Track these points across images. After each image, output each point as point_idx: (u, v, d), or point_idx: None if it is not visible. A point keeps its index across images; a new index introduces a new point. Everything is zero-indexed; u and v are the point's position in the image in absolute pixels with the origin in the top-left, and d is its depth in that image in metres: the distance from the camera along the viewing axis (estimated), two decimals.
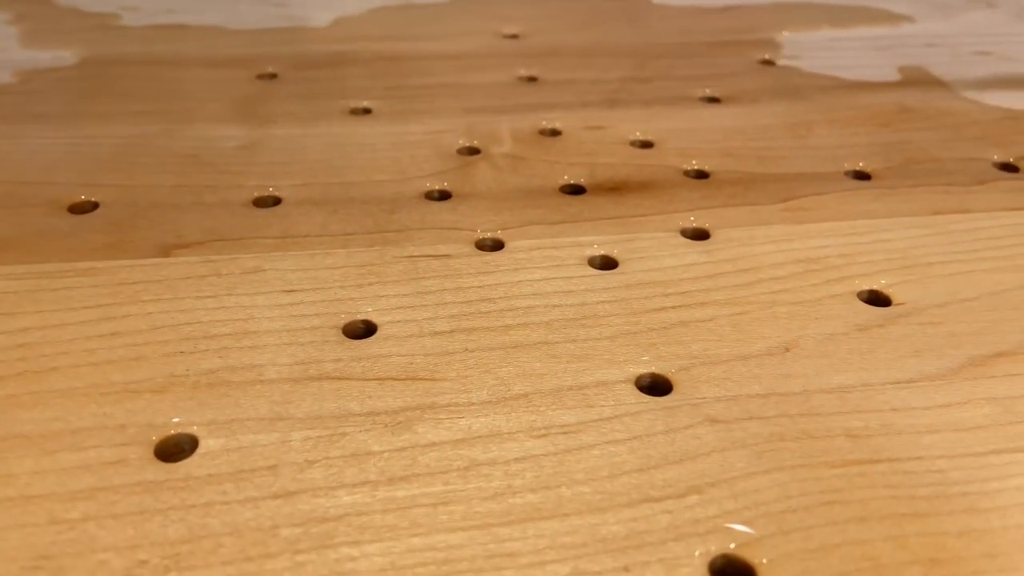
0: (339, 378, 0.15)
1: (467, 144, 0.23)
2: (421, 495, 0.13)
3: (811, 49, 0.29)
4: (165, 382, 0.15)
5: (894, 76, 0.27)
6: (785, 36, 0.30)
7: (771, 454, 0.14)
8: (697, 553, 0.12)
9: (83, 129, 0.23)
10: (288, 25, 0.30)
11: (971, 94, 0.26)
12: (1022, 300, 0.17)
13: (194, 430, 0.14)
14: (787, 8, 0.32)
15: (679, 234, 0.19)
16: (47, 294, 0.16)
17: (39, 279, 0.17)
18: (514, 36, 0.30)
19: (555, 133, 0.24)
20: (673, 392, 0.15)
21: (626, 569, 0.12)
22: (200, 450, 0.13)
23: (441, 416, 0.14)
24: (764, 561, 0.12)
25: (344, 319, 0.16)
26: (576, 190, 0.21)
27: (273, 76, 0.26)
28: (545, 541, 0.12)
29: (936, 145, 0.23)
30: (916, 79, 0.27)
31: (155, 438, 0.14)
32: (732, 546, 0.12)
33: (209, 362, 0.15)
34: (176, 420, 0.14)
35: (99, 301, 0.16)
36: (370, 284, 0.17)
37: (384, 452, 0.14)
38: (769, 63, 0.28)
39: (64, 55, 0.27)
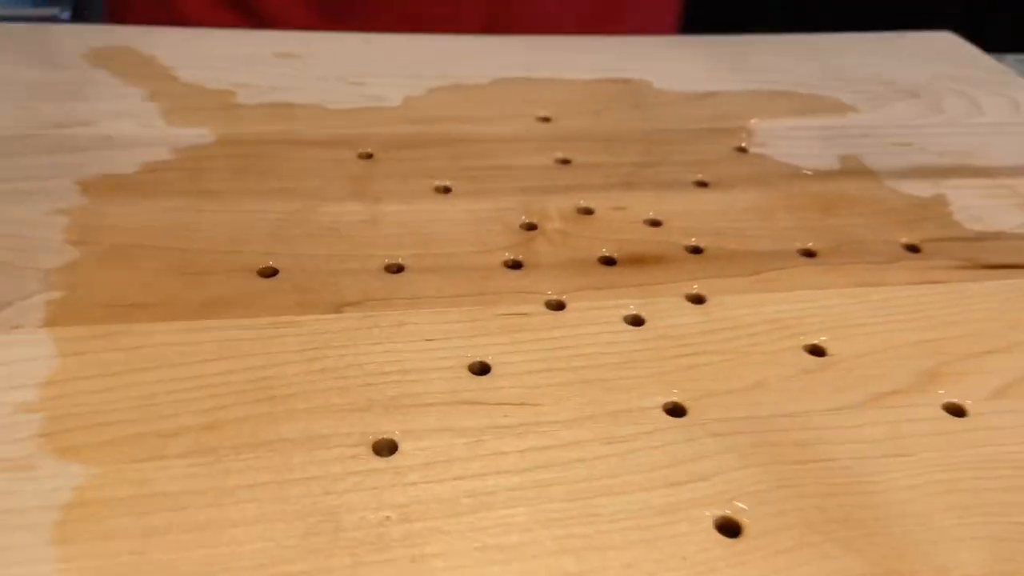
0: (476, 403, 0.23)
1: (527, 220, 0.31)
2: (549, 479, 0.21)
3: (775, 138, 0.38)
4: (367, 404, 0.23)
5: (836, 165, 0.36)
6: (754, 124, 0.39)
7: (751, 455, 0.22)
8: (708, 515, 0.21)
9: (245, 204, 0.30)
10: (370, 105, 0.37)
11: (891, 183, 0.35)
12: (914, 353, 0.26)
13: (395, 436, 0.22)
14: (756, 96, 0.41)
15: (684, 299, 0.28)
16: (271, 341, 0.24)
17: (262, 329, 0.25)
18: (547, 119, 0.38)
19: (589, 212, 0.32)
20: (687, 415, 0.24)
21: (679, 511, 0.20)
22: (401, 449, 0.22)
23: (545, 429, 0.23)
24: (746, 520, 0.21)
25: (468, 360, 0.25)
26: (609, 262, 0.29)
27: (370, 156, 0.34)
28: (621, 508, 0.21)
29: (863, 229, 0.32)
30: (852, 168, 0.36)
31: (371, 439, 0.22)
32: (728, 511, 0.21)
33: (391, 391, 0.23)
34: (382, 430, 0.22)
35: (306, 346, 0.24)
36: (480, 335, 0.26)
37: (514, 453, 0.22)
38: (743, 150, 0.37)
39: (203, 132, 0.34)
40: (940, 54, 0.47)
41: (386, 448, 0.22)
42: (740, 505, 0.21)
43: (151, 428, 0.22)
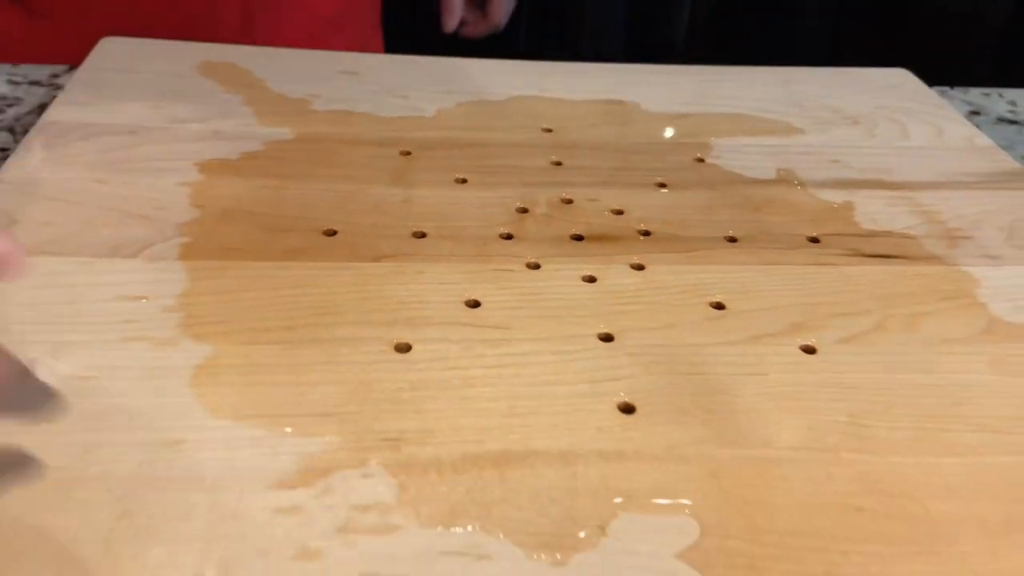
0: (468, 325, 0.34)
1: (521, 206, 0.41)
2: (512, 373, 0.32)
3: (729, 152, 0.48)
4: (393, 321, 0.33)
5: (773, 175, 0.46)
6: (714, 140, 0.49)
7: (653, 367, 0.32)
8: (614, 400, 0.31)
9: (314, 185, 0.41)
10: (411, 114, 0.48)
11: (813, 191, 0.45)
12: (790, 311, 0.36)
13: (410, 341, 0.33)
14: (722, 118, 0.51)
15: (629, 267, 0.38)
16: (331, 278, 0.35)
17: (325, 270, 0.36)
18: (549, 130, 0.48)
19: (569, 202, 0.42)
20: (614, 341, 0.34)
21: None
22: (414, 349, 0.32)
23: (514, 343, 0.33)
24: (639, 405, 0.31)
25: (466, 298, 0.35)
26: (579, 238, 0.40)
27: (409, 153, 0.45)
28: (557, 393, 0.31)
29: (779, 224, 0.42)
30: (785, 178, 0.46)
31: (395, 343, 0.32)
32: (628, 400, 0.31)
33: (410, 314, 0.34)
34: (402, 337, 0.33)
35: (354, 283, 0.35)
36: (477, 282, 0.36)
37: (491, 355, 0.32)
38: (701, 161, 0.47)
39: (285, 131, 0.45)
40: (889, 88, 0.56)
41: (404, 348, 0.32)
42: (637, 396, 0.31)
43: (250, 326, 0.32)
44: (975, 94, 0.71)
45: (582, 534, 0.26)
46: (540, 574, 0.25)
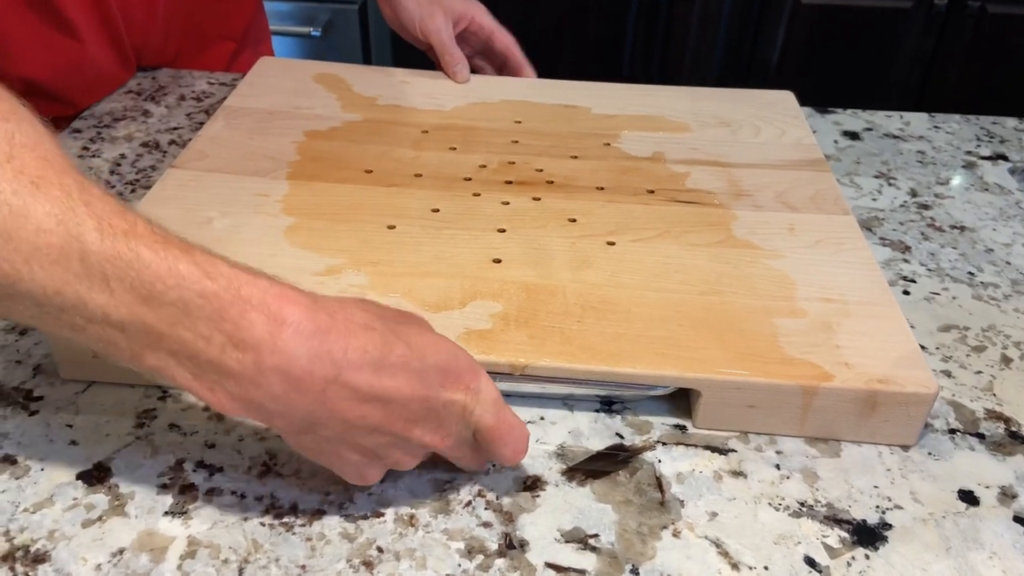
0: (428, 219, 0.63)
1: (482, 163, 0.71)
2: (444, 244, 0.61)
3: (628, 140, 0.75)
4: (389, 215, 0.64)
5: (649, 155, 0.73)
6: (624, 133, 0.76)
7: (523, 245, 0.61)
8: (493, 256, 0.60)
9: (365, 146, 0.72)
10: (435, 109, 0.79)
11: (669, 165, 0.72)
12: (610, 225, 0.64)
13: (395, 224, 0.63)
14: (636, 119, 0.78)
15: (531, 199, 0.67)
16: (366, 192, 0.66)
17: (363, 189, 0.66)
18: (518, 122, 0.77)
19: (512, 163, 0.71)
20: (506, 233, 0.63)
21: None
22: (396, 228, 0.62)
23: (451, 230, 0.63)
24: (504, 260, 0.60)
25: (431, 207, 0.65)
26: (509, 182, 0.69)
27: (426, 132, 0.75)
28: (465, 254, 0.60)
29: (633, 181, 0.69)
30: (655, 157, 0.73)
31: (386, 225, 0.63)
32: (499, 255, 0.60)
33: (400, 212, 0.64)
34: (392, 223, 0.63)
35: (375, 196, 0.66)
36: (440, 201, 0.66)
37: (436, 235, 0.62)
38: (608, 144, 0.74)
39: (358, 116, 0.77)
40: (767, 104, 0.82)
41: (391, 227, 0.63)
42: (507, 256, 0.60)
43: (317, 211, 0.63)
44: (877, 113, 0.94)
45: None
46: None
